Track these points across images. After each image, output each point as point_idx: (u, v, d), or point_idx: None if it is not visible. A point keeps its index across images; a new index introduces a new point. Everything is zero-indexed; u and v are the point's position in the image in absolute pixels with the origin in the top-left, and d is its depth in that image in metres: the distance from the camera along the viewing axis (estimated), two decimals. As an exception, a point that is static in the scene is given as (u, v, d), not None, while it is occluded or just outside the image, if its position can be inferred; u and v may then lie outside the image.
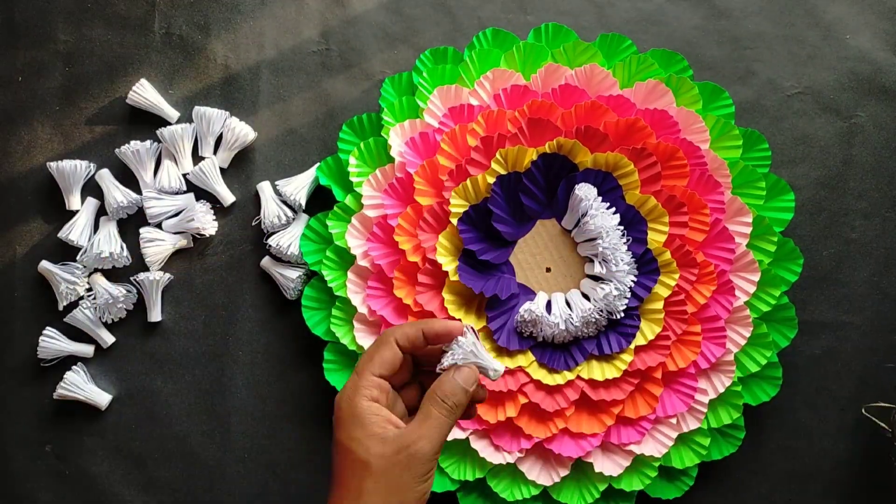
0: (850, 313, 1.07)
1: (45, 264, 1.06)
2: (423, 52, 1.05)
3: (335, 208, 1.02)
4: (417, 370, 0.82)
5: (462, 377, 0.76)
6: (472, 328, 0.77)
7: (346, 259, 1.02)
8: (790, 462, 1.07)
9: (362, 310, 1.00)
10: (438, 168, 0.99)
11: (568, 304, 0.97)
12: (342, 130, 1.04)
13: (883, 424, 1.02)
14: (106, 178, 1.06)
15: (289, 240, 1.04)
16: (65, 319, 1.06)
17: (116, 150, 1.06)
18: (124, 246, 1.06)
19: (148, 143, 1.06)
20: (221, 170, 1.07)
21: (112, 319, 1.06)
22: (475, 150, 0.98)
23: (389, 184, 1.00)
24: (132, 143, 1.05)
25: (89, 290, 1.06)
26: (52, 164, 1.05)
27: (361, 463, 0.72)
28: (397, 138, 1.01)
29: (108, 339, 1.07)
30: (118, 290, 1.05)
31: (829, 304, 1.07)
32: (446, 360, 0.76)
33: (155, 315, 1.06)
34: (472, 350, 0.76)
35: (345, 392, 0.76)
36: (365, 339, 1.00)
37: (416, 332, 0.77)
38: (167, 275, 1.06)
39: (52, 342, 1.06)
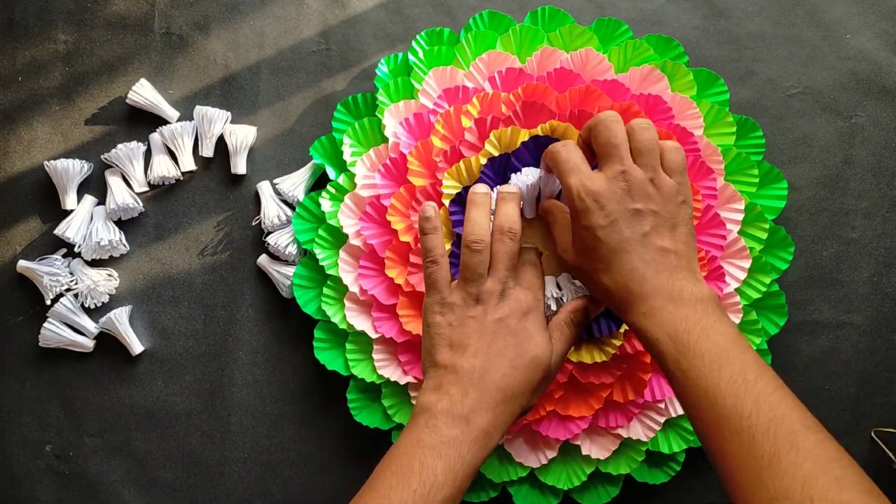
0: (850, 313, 1.07)
1: (23, 263, 1.06)
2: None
3: (328, 187, 1.02)
4: None
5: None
6: None
7: (338, 238, 1.02)
8: (790, 462, 1.06)
9: (354, 289, 1.00)
10: (432, 149, 0.99)
11: (559, 287, 0.96)
12: (336, 110, 1.04)
13: (891, 454, 1.02)
14: (116, 178, 1.07)
15: (287, 239, 1.04)
16: (48, 315, 1.06)
17: (103, 155, 1.07)
18: (122, 233, 1.06)
19: (133, 143, 1.06)
20: (234, 175, 1.07)
21: (95, 304, 1.06)
22: (469, 132, 0.98)
23: (383, 164, 1.00)
24: (119, 146, 1.06)
25: (74, 282, 1.06)
26: (49, 163, 1.06)
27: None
28: (392, 119, 1.01)
29: (92, 329, 1.07)
30: (99, 275, 1.06)
31: (829, 304, 1.07)
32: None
33: (136, 348, 1.07)
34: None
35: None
36: (355, 319, 1.00)
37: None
38: (127, 307, 1.07)
39: (55, 329, 1.06)
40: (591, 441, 1.01)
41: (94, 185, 1.08)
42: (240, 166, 1.07)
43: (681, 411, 1.00)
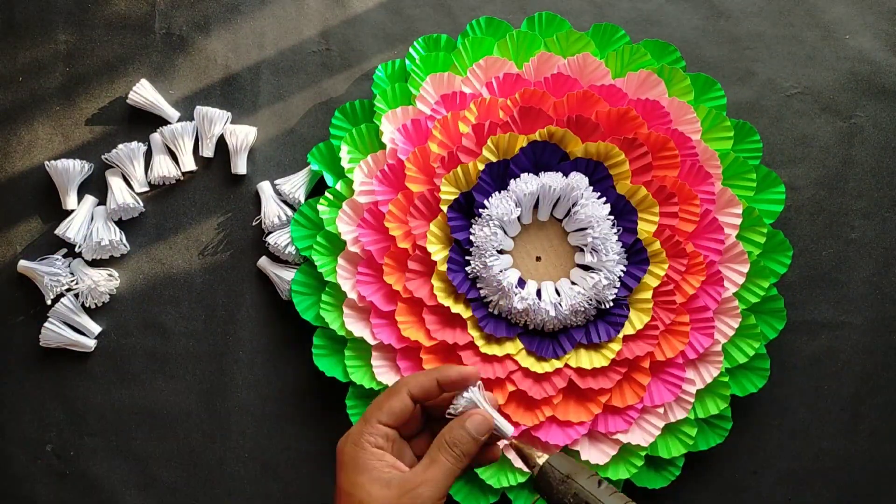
0: (849, 313, 1.07)
1: (23, 263, 1.06)
2: (422, 51, 1.05)
3: (326, 193, 1.02)
4: (429, 419, 0.81)
5: (473, 425, 0.75)
6: (480, 385, 0.76)
7: (336, 245, 1.02)
8: (790, 462, 1.06)
9: (352, 295, 1.00)
10: (430, 155, 0.99)
11: (557, 292, 0.96)
12: (334, 116, 1.04)
13: None
14: (116, 178, 1.07)
15: (287, 239, 1.04)
16: (48, 315, 1.06)
17: (104, 155, 1.07)
18: (122, 233, 1.07)
19: (134, 143, 1.07)
20: (235, 175, 1.08)
21: (95, 304, 1.06)
22: (466, 138, 0.98)
23: (381, 170, 1.00)
24: (120, 146, 1.06)
25: (74, 282, 1.07)
26: (50, 164, 1.06)
27: None
28: (389, 125, 1.01)
29: (93, 328, 1.07)
30: (99, 275, 1.06)
31: (829, 304, 1.07)
32: (457, 405, 0.75)
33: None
34: (476, 401, 0.75)
35: (349, 437, 0.74)
36: (354, 325, 1.00)
37: (431, 382, 0.76)
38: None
39: (56, 329, 1.06)
40: (590, 446, 1.01)
41: (95, 186, 1.08)
42: (240, 166, 1.07)
43: (680, 416, 1.00)
